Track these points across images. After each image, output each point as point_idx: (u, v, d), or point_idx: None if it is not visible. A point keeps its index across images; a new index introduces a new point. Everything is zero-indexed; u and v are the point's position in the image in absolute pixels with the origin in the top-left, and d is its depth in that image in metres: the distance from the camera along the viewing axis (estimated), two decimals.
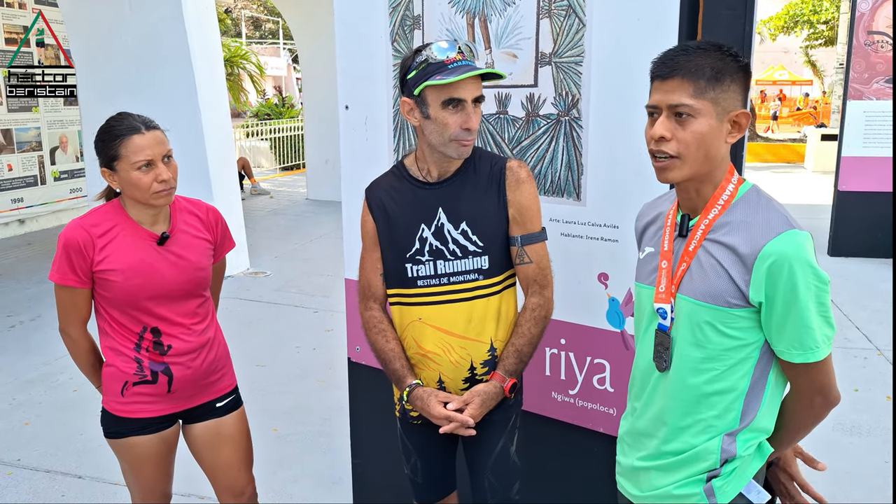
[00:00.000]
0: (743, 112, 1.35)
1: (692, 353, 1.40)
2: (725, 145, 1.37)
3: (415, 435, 1.96)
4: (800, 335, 1.31)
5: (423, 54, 1.70)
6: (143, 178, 1.86)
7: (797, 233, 1.30)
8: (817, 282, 1.29)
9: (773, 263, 1.29)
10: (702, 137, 1.33)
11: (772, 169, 15.65)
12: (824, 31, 24.34)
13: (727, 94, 1.33)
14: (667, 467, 1.45)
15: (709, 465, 1.40)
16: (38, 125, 9.15)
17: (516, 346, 1.81)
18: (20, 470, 3.38)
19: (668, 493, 1.45)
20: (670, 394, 1.44)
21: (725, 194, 1.39)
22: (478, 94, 1.71)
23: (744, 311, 1.34)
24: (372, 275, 1.92)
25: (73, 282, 1.91)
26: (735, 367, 1.37)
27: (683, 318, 1.41)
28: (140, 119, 1.90)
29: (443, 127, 1.71)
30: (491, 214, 1.79)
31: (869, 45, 7.23)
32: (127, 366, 1.97)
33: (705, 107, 1.32)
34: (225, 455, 2.13)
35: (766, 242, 1.30)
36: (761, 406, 1.40)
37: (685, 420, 1.42)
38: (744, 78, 1.36)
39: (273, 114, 18.22)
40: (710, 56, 1.33)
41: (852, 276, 6.78)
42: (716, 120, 1.33)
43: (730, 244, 1.34)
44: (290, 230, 9.27)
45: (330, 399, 4.09)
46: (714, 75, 1.32)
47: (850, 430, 3.75)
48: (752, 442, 1.41)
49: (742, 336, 1.36)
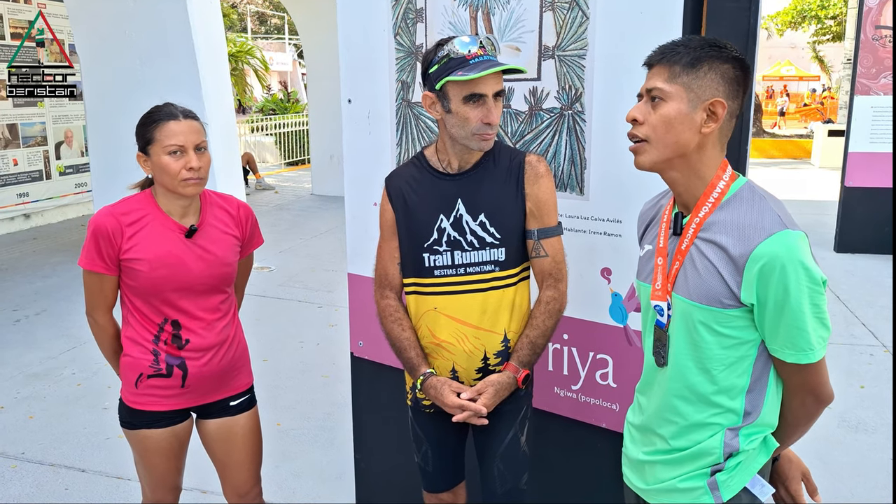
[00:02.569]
0: (718, 101, 1.32)
1: (689, 351, 1.39)
2: (702, 135, 1.34)
3: (426, 424, 1.98)
4: (793, 337, 1.30)
5: (444, 49, 1.71)
6: (173, 164, 1.87)
7: (789, 233, 1.27)
8: (810, 283, 1.26)
9: (765, 265, 1.26)
10: (669, 121, 1.33)
11: (779, 165, 15.59)
12: (832, 26, 24.22)
13: (702, 82, 1.31)
14: (672, 461, 1.45)
15: (712, 459, 1.40)
16: (44, 120, 9.17)
17: (530, 337, 1.83)
18: (24, 463, 3.39)
19: (672, 486, 1.44)
20: (670, 390, 1.43)
21: (716, 192, 1.36)
22: (499, 88, 1.73)
23: (738, 311, 1.33)
24: (389, 264, 1.94)
25: (100, 268, 1.92)
26: (733, 365, 1.36)
27: (679, 317, 1.40)
28: (180, 108, 1.93)
29: (464, 121, 1.73)
30: (509, 207, 1.81)
31: (877, 39, 7.17)
32: (143, 357, 1.97)
33: (676, 91, 1.32)
34: (234, 455, 2.13)
35: (757, 244, 1.27)
36: (765, 402, 1.39)
37: (687, 417, 1.41)
38: (730, 70, 1.32)
39: (278, 109, 18.24)
40: (692, 45, 1.33)
41: (859, 272, 6.75)
42: (687, 105, 1.32)
43: (721, 244, 1.32)
44: (295, 225, 9.28)
45: (333, 394, 4.10)
46: (690, 62, 1.31)
47: (856, 427, 3.73)
48: (755, 436, 1.40)
49: (738, 335, 1.35)
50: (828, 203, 9.05)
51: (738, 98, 1.35)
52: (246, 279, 2.28)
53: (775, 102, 26.82)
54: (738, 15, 1.76)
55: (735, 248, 1.29)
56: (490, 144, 1.78)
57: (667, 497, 1.46)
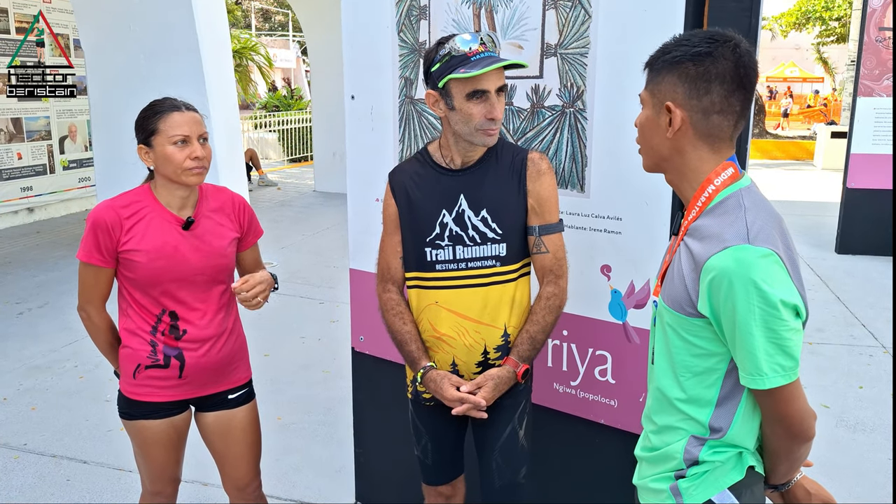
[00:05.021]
0: (668, 104, 1.27)
1: (664, 354, 1.38)
2: (672, 140, 1.30)
3: (426, 417, 2.00)
4: (743, 359, 1.22)
5: (446, 47, 1.73)
6: (178, 154, 1.90)
7: (747, 248, 1.18)
8: (763, 304, 1.17)
9: (714, 279, 1.20)
10: (641, 127, 1.37)
11: (781, 166, 15.58)
12: (836, 27, 24.18)
13: (661, 86, 1.30)
14: (650, 460, 1.45)
15: (675, 464, 1.37)
16: (48, 115, 9.19)
17: (530, 332, 1.85)
18: (27, 454, 3.41)
19: (646, 484, 1.44)
20: (652, 389, 1.44)
21: (703, 196, 1.30)
22: (501, 83, 1.75)
23: (700, 321, 1.27)
24: (392, 258, 1.95)
25: (97, 261, 1.94)
26: (701, 375, 1.31)
27: (658, 319, 1.40)
28: (181, 101, 1.97)
29: (468, 118, 1.75)
30: (511, 203, 1.83)
31: (880, 41, 7.16)
32: (141, 348, 1.99)
33: (646, 97, 1.35)
34: (233, 448, 2.15)
35: (711, 255, 1.21)
36: (735, 421, 1.32)
37: (661, 418, 1.40)
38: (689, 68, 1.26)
39: (281, 106, 18.24)
40: (667, 48, 1.31)
41: (860, 273, 6.75)
42: (652, 110, 1.33)
43: (693, 251, 1.26)
44: (297, 221, 9.30)
45: (334, 389, 4.12)
46: (656, 66, 1.32)
47: (854, 427, 3.74)
48: (722, 450, 1.33)
49: (704, 346, 1.29)
50: (830, 204, 9.05)
51: (711, 94, 1.25)
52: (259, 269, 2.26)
53: (779, 104, 26.77)
54: (739, 14, 1.77)
55: (698, 255, 1.25)
56: (494, 140, 1.80)
57: (643, 495, 1.46)
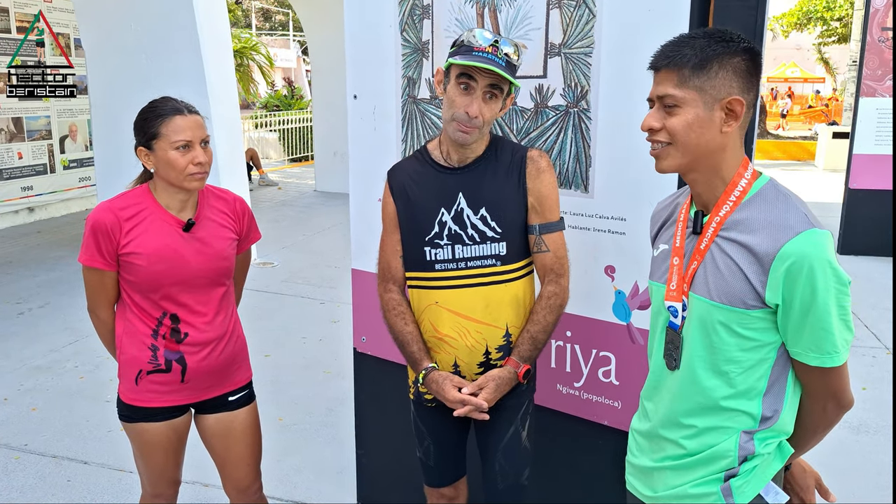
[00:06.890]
0: (735, 99, 1.29)
1: (704, 354, 1.36)
2: (723, 135, 1.31)
3: (428, 418, 1.99)
4: (818, 339, 1.26)
5: (465, 35, 1.74)
6: (180, 159, 1.88)
7: (817, 232, 1.24)
8: (838, 283, 1.24)
9: (793, 265, 1.23)
10: (688, 126, 1.31)
11: (782, 166, 15.55)
12: (838, 28, 24.17)
13: (714, 82, 1.29)
14: (683, 467, 1.41)
15: (727, 463, 1.36)
16: (49, 114, 9.18)
17: (531, 332, 1.83)
18: (27, 455, 3.40)
19: (684, 492, 1.40)
20: (682, 393, 1.40)
21: (737, 190, 1.34)
22: (490, 83, 1.71)
23: (760, 313, 1.29)
24: (392, 257, 1.94)
25: (99, 264, 1.92)
26: (752, 368, 1.33)
27: (696, 318, 1.36)
28: (183, 103, 1.94)
29: (450, 103, 1.75)
30: (510, 202, 1.82)
31: (883, 41, 7.15)
32: (142, 353, 1.97)
33: (690, 96, 1.30)
34: (233, 450, 2.13)
35: (784, 242, 1.24)
36: (783, 407, 1.35)
37: (700, 421, 1.37)
38: (741, 63, 1.29)
39: (282, 105, 18.23)
40: (696, 44, 1.30)
41: (862, 274, 6.73)
42: (703, 108, 1.30)
43: (746, 243, 1.28)
44: (298, 221, 9.29)
45: (335, 390, 4.10)
46: (698, 63, 1.29)
47: (858, 429, 3.73)
48: (771, 441, 1.36)
49: (759, 337, 1.31)
50: (831, 205, 9.02)
51: (754, 89, 1.33)
52: (244, 275, 2.27)
53: (779, 104, 26.75)
54: (744, 13, 1.76)
55: (761, 246, 1.27)
56: (466, 139, 1.76)
57: None
